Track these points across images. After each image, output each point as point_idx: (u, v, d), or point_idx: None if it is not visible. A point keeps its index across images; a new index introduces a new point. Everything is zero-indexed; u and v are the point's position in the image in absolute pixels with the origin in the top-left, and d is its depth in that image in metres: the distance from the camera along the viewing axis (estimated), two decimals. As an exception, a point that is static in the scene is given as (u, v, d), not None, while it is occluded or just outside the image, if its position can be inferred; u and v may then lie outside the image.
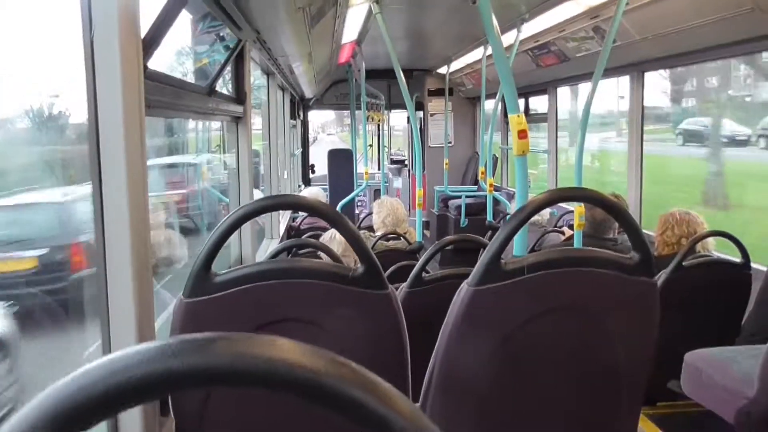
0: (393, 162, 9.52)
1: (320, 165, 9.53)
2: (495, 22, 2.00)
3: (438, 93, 8.33)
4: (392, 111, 9.36)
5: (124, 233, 1.15)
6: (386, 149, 9.40)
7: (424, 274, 2.19)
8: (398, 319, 1.30)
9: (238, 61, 2.67)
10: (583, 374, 1.41)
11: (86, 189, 1.18)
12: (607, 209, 1.38)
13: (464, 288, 1.33)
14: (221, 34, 3.08)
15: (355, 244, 1.26)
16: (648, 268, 1.36)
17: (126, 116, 1.12)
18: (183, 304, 1.23)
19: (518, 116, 2.06)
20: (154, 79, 1.44)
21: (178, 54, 2.97)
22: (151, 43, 1.35)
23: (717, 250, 3.11)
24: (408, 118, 9.09)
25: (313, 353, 0.38)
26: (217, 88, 2.31)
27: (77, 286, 1.83)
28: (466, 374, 1.38)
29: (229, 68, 2.66)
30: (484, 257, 1.31)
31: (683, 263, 2.58)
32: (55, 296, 1.88)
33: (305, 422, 1.25)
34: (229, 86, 2.86)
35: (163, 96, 1.50)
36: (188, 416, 1.28)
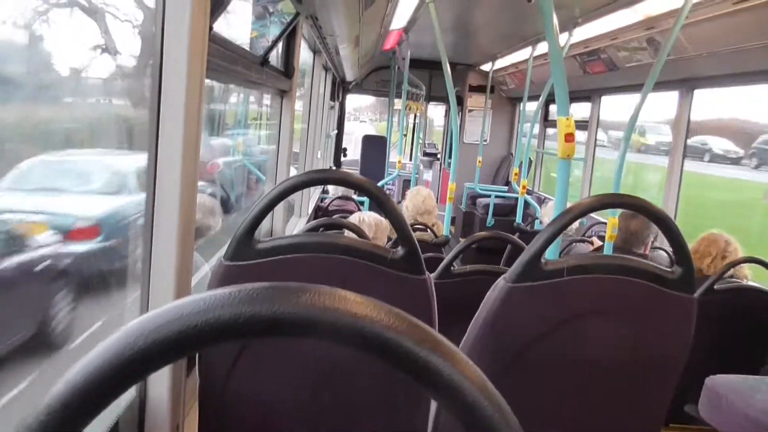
0: (426, 154, 9.49)
1: (351, 151, 9.54)
2: (555, 20, 1.97)
3: (478, 89, 8.25)
4: (431, 103, 9.31)
5: (174, 190, 1.17)
6: (420, 140, 9.37)
7: (452, 267, 2.18)
8: (431, 305, 1.30)
9: (290, 35, 2.67)
10: (608, 383, 1.40)
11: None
12: (655, 219, 1.36)
13: (501, 284, 1.32)
14: (271, 9, 3.09)
15: (399, 226, 1.26)
16: (689, 283, 1.34)
17: (189, 75, 1.13)
18: (223, 267, 1.24)
19: (567, 119, 2.04)
20: (217, 42, 1.45)
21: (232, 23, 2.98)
22: (218, 5, 1.36)
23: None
24: (446, 111, 9.02)
25: (397, 315, 0.39)
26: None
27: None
28: (491, 370, 1.37)
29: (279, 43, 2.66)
30: (524, 255, 1.30)
31: (714, 287, 2.53)
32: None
33: (329, 386, 1.27)
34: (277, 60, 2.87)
35: (223, 60, 1.51)
36: (214, 378, 1.30)
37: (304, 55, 4.44)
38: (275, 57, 2.76)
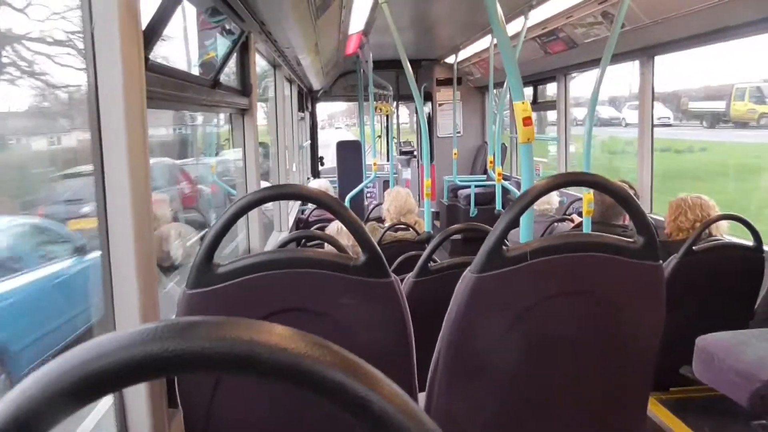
0: (402, 153, 9.50)
1: (328, 159, 9.53)
2: (499, 9, 1.98)
3: (446, 83, 8.28)
4: (401, 102, 9.32)
5: (126, 226, 1.16)
6: (395, 140, 9.38)
7: (430, 263, 2.18)
8: (401, 307, 1.30)
9: (243, 53, 2.66)
10: (589, 358, 1.41)
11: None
12: (611, 194, 1.37)
13: (467, 275, 1.33)
14: (228, 27, 3.07)
15: (357, 233, 1.25)
16: (653, 251, 1.35)
17: (127, 108, 1.12)
18: (186, 296, 1.23)
19: (523, 103, 2.04)
20: (156, 71, 1.44)
21: (184, 47, 2.97)
22: (152, 35, 1.36)
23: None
24: (416, 108, 9.04)
25: (293, 336, 0.38)
26: (223, 81, 2.31)
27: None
28: (470, 360, 1.38)
29: (234, 61, 2.66)
30: (485, 244, 1.30)
31: (694, 247, 2.55)
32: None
33: (311, 417, 1.26)
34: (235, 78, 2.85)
35: (166, 88, 1.50)
36: (196, 409, 1.28)
37: (266, 69, 4.43)
38: (231, 77, 2.75)
